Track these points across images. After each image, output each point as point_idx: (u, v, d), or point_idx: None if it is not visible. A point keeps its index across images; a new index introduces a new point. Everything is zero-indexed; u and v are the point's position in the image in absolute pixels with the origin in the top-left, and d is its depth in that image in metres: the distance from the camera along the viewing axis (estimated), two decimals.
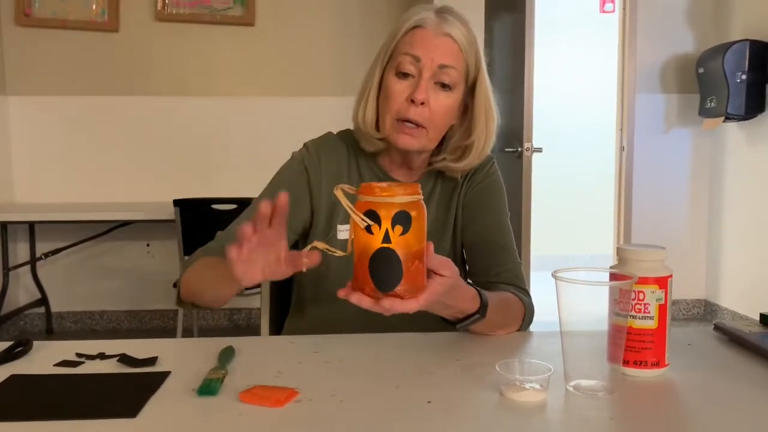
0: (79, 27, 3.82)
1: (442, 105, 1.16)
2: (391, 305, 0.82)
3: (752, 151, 3.78)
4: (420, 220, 0.81)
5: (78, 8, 3.80)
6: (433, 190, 1.28)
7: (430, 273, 0.88)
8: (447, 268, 0.89)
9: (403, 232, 0.80)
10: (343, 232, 1.20)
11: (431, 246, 0.86)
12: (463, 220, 1.28)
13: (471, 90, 1.21)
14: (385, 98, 1.18)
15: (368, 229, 0.80)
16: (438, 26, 1.15)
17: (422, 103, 1.14)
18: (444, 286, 0.88)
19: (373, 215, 0.80)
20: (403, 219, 0.80)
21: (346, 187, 0.83)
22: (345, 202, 0.81)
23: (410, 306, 0.83)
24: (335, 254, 0.86)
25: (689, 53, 4.05)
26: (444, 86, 1.16)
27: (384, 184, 0.81)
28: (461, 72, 1.17)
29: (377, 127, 1.20)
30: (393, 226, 0.79)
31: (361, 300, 0.83)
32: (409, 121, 1.15)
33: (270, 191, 1.23)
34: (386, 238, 0.79)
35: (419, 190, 0.83)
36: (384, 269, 0.81)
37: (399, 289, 0.81)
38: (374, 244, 0.80)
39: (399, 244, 0.80)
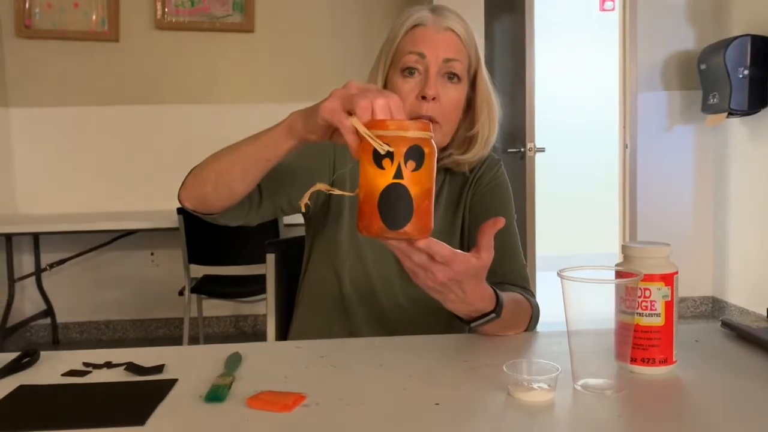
0: (79, 37, 3.84)
1: (452, 98, 1.17)
2: (426, 244, 0.82)
3: (756, 146, 3.77)
4: (431, 158, 0.78)
5: (78, 19, 3.82)
6: (441, 190, 1.28)
7: (471, 248, 0.89)
8: (488, 252, 0.90)
9: (416, 168, 0.77)
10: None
11: (501, 220, 0.90)
12: (470, 222, 1.29)
13: (472, 82, 1.22)
14: None
15: (380, 164, 0.76)
16: (437, 22, 1.17)
17: (434, 99, 1.14)
18: (475, 266, 0.88)
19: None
20: (416, 154, 0.77)
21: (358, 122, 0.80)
22: (362, 129, 0.77)
23: (445, 251, 0.83)
24: (342, 195, 0.85)
25: (690, 50, 4.05)
26: (451, 80, 1.17)
27: (396, 119, 0.79)
28: (465, 64, 1.18)
29: None
30: (406, 162, 0.76)
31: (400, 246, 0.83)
32: (422, 119, 1.15)
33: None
34: (398, 174, 0.76)
35: (430, 128, 0.80)
36: (395, 206, 0.77)
37: (408, 227, 0.78)
38: (385, 180, 0.77)
39: (411, 180, 0.77)
